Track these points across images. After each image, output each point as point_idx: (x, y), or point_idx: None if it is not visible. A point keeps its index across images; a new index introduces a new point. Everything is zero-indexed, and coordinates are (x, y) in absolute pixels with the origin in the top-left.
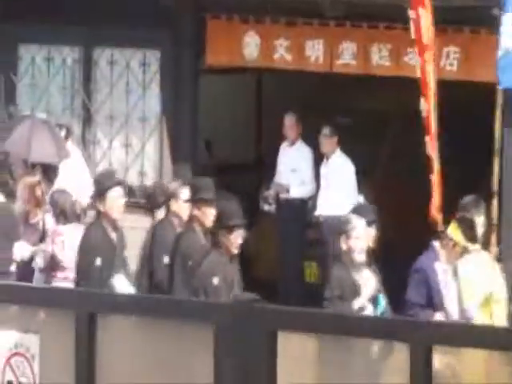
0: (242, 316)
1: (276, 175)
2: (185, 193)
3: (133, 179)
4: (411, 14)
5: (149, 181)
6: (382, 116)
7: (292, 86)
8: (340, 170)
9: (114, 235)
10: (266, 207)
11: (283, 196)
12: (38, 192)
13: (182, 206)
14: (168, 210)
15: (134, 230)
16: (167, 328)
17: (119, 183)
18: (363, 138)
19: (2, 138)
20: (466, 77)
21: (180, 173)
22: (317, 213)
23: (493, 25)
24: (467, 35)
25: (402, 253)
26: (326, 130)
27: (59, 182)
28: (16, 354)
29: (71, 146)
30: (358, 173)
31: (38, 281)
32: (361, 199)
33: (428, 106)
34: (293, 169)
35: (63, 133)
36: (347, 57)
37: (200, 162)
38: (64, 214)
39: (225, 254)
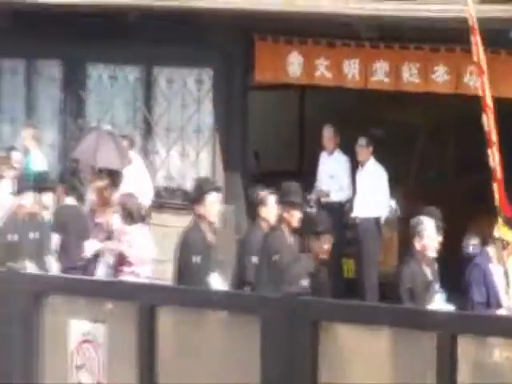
0: (286, 308)
1: (317, 181)
2: (272, 199)
3: (188, 185)
4: (472, 39)
5: None
6: (411, 128)
7: (331, 101)
8: (374, 176)
9: (210, 236)
10: (309, 210)
11: (324, 200)
12: (105, 194)
13: (270, 212)
14: (257, 215)
15: None
16: (219, 319)
17: (216, 189)
18: (395, 148)
19: (73, 147)
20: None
21: (231, 179)
22: (353, 215)
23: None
24: (489, 56)
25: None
26: (361, 141)
27: (123, 187)
28: (85, 341)
29: (133, 155)
30: (390, 179)
31: (106, 275)
32: (393, 204)
33: (488, 121)
34: (331, 176)
35: (126, 143)
36: (380, 74)
37: (249, 170)
38: (131, 215)
39: (313, 259)
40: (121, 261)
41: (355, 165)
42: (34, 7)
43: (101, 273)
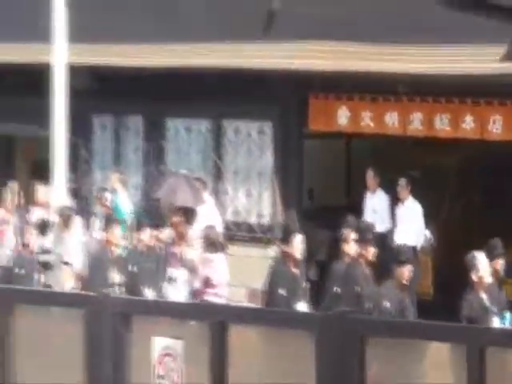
0: (337, 324)
1: (362, 216)
2: (352, 236)
3: (252, 220)
4: None
5: (265, 220)
6: (442, 170)
7: (374, 147)
8: (412, 211)
9: (296, 271)
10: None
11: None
12: (180, 229)
13: (351, 247)
14: (341, 251)
15: (253, 258)
16: (278, 336)
17: (299, 231)
18: (429, 187)
19: (155, 189)
20: (508, 137)
21: (288, 214)
22: (394, 243)
23: None
24: (509, 106)
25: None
26: (401, 182)
27: (197, 222)
28: (166, 354)
29: (206, 195)
30: (425, 214)
31: (187, 297)
32: (427, 233)
33: None
34: (374, 210)
35: (200, 185)
36: (416, 124)
37: (304, 206)
38: (214, 245)
39: (396, 284)
40: (206, 284)
41: (395, 201)
42: (118, 70)
43: (180, 295)
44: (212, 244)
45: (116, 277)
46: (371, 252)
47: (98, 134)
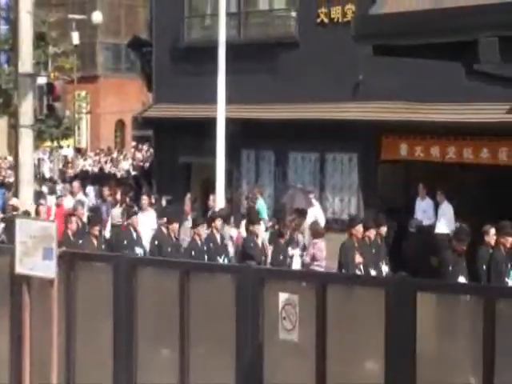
0: (398, 284)
1: (415, 214)
2: (492, 230)
3: (344, 217)
4: None
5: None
6: (468, 184)
7: (423, 169)
8: (447, 211)
9: (357, 247)
10: (411, 230)
11: (419, 224)
12: (296, 222)
13: (491, 238)
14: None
15: None
16: (353, 294)
17: (362, 221)
18: (458, 195)
19: (281, 197)
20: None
21: (368, 213)
22: (435, 232)
23: None
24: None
25: None
26: (439, 192)
27: (308, 219)
28: (287, 304)
29: (314, 201)
30: (455, 213)
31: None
32: (457, 225)
33: None
34: (423, 211)
35: (310, 194)
36: (451, 154)
37: (378, 208)
38: (318, 233)
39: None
40: (313, 259)
41: (436, 204)
42: (258, 120)
43: (296, 265)
44: (317, 232)
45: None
46: (510, 241)
47: (245, 162)
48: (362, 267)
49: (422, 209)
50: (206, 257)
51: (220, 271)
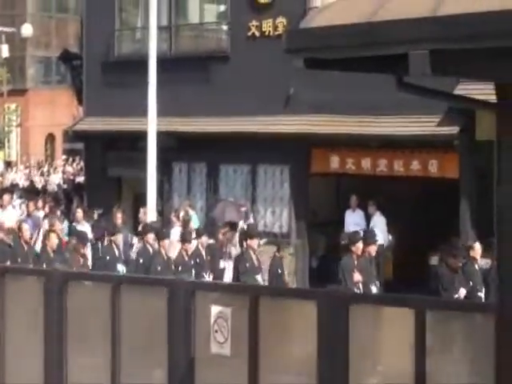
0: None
1: (345, 227)
2: (478, 245)
3: (275, 229)
4: None
5: (284, 230)
6: (398, 196)
7: (355, 181)
8: (379, 222)
9: (358, 261)
10: (343, 242)
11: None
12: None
13: (477, 253)
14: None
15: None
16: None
17: (359, 238)
18: (389, 207)
19: (212, 210)
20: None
21: (300, 227)
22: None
23: None
24: (441, 154)
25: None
26: (371, 203)
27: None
28: (219, 317)
29: (248, 214)
30: (389, 224)
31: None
32: (390, 238)
33: None
34: (356, 223)
35: (242, 207)
36: (382, 166)
37: (310, 222)
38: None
39: None
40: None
41: (367, 216)
42: (190, 134)
43: (228, 277)
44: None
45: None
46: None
47: (177, 175)
48: (361, 285)
49: (354, 221)
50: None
51: (152, 284)
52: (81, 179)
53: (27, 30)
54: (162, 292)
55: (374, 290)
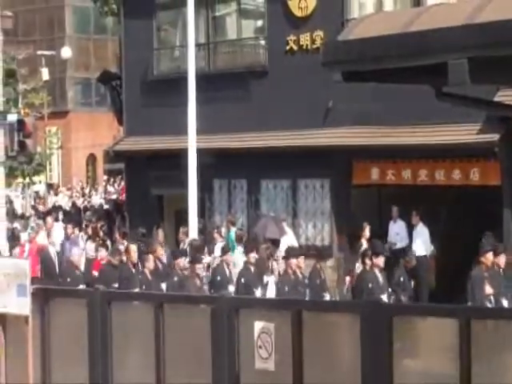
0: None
1: (388, 237)
2: (490, 255)
3: (317, 243)
4: None
5: (325, 243)
6: (440, 205)
7: (396, 192)
8: (422, 233)
9: (379, 275)
10: (385, 254)
11: (393, 247)
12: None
13: (487, 259)
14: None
15: None
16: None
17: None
18: (432, 217)
19: (253, 227)
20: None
21: (341, 240)
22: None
23: None
24: (482, 163)
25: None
26: (414, 213)
27: (281, 248)
28: (263, 332)
29: (287, 228)
30: (431, 234)
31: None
32: (432, 248)
33: None
34: (396, 233)
35: (283, 222)
36: (423, 176)
37: (351, 234)
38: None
39: None
40: None
41: (410, 226)
42: (230, 150)
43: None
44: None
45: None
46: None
47: (217, 192)
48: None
49: (395, 231)
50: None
51: (194, 302)
52: (122, 199)
53: (66, 52)
54: (205, 309)
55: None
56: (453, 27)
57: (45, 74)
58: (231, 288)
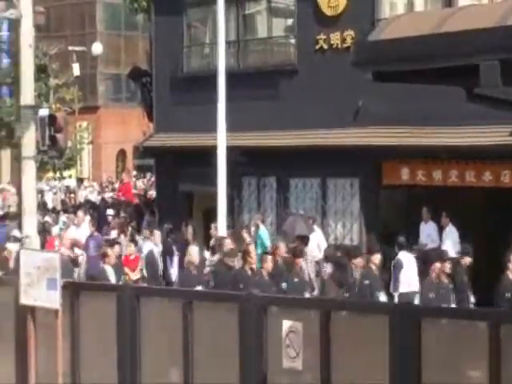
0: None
1: (420, 237)
2: None
3: (346, 242)
4: None
5: (354, 243)
6: (471, 206)
7: (426, 193)
8: (451, 233)
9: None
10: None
11: (424, 248)
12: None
13: None
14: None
15: None
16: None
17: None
18: (463, 217)
19: (282, 224)
20: None
21: (370, 238)
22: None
23: None
24: None
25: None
26: (444, 215)
27: (311, 245)
28: (291, 331)
29: (315, 227)
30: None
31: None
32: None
33: None
34: (428, 235)
35: (311, 220)
36: (453, 177)
37: (380, 233)
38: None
39: None
40: None
41: (440, 227)
42: (258, 148)
43: None
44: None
45: None
46: None
47: (246, 189)
48: None
49: (427, 232)
50: None
51: (223, 300)
52: (152, 194)
53: (97, 48)
54: (233, 307)
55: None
56: (485, 28)
57: (76, 69)
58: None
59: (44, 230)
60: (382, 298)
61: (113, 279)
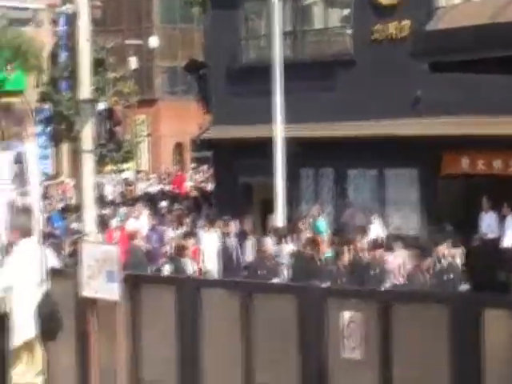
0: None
1: (480, 228)
2: None
3: (404, 232)
4: None
5: (413, 233)
6: None
7: (485, 182)
8: None
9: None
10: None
11: (484, 238)
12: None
13: None
14: None
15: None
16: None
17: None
18: None
19: (341, 215)
20: None
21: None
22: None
23: None
24: None
25: None
26: (506, 205)
27: (371, 233)
28: (351, 322)
29: (374, 218)
30: None
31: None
32: None
33: None
34: (488, 225)
35: (369, 212)
36: None
37: (437, 226)
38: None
39: None
40: None
41: (501, 217)
42: (315, 139)
43: None
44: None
45: None
46: None
47: (304, 181)
48: None
49: (487, 222)
50: None
51: (282, 291)
52: (210, 187)
53: (154, 41)
54: (292, 299)
55: None
56: None
57: (133, 62)
58: None
59: (103, 223)
60: None
61: (190, 271)
